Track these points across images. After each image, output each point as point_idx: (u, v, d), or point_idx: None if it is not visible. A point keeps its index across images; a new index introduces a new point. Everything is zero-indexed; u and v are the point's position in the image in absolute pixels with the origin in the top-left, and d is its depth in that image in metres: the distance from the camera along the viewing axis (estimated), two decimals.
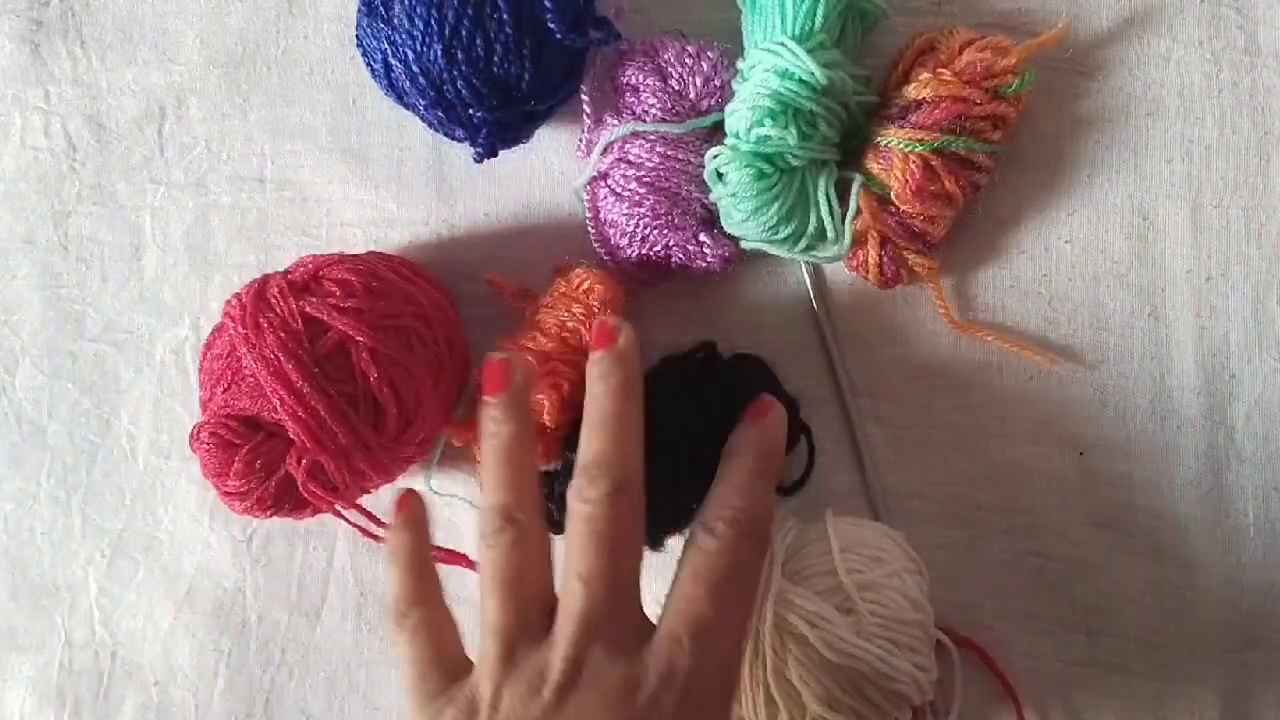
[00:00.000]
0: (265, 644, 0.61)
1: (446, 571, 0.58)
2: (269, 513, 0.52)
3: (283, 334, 0.50)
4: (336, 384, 0.50)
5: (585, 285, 0.54)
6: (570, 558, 0.45)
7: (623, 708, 0.42)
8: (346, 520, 0.54)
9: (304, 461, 0.51)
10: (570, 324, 0.54)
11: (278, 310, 0.51)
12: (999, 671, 0.56)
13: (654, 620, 0.45)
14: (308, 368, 0.50)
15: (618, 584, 0.45)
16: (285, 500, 0.52)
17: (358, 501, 0.54)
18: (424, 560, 0.50)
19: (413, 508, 0.51)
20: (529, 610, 0.45)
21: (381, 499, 0.59)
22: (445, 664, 0.47)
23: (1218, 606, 0.56)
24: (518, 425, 0.48)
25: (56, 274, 0.63)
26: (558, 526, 0.49)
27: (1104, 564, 0.57)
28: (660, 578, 0.47)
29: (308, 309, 0.51)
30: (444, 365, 0.54)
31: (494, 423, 0.48)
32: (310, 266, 0.54)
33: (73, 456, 0.62)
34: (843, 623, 0.49)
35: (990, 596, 0.57)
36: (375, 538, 0.56)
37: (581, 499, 0.45)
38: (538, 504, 0.47)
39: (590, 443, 0.47)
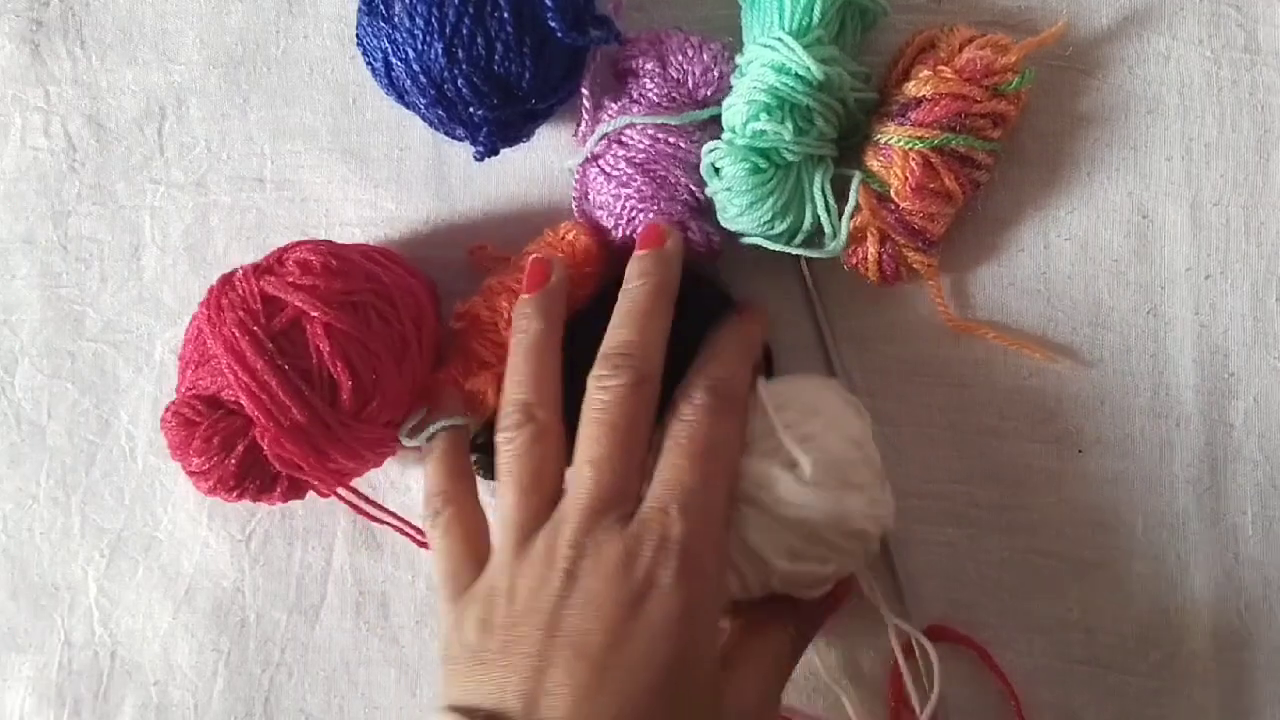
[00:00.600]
0: (264, 643, 0.61)
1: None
2: (235, 493, 0.52)
3: (241, 312, 0.51)
4: (291, 360, 0.50)
5: (569, 236, 0.55)
6: (583, 443, 0.48)
7: (626, 584, 0.44)
8: (317, 489, 0.54)
9: (267, 438, 0.51)
10: None
11: (239, 290, 0.52)
12: (998, 670, 0.56)
13: None
14: (261, 343, 0.50)
15: (626, 471, 0.47)
16: (249, 478, 0.52)
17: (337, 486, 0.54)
18: (459, 457, 0.53)
19: (450, 409, 0.54)
20: (544, 500, 0.48)
21: (383, 500, 0.60)
22: (476, 558, 0.49)
23: (1217, 605, 0.56)
24: (547, 324, 0.51)
25: (56, 274, 0.63)
26: (489, 472, 0.53)
27: (1103, 562, 0.57)
28: None
29: (267, 288, 0.51)
30: (410, 346, 0.53)
31: (524, 319, 0.51)
32: (278, 251, 0.55)
33: (72, 456, 0.62)
34: (789, 478, 0.49)
35: (989, 595, 0.57)
36: (369, 516, 0.56)
37: (601, 385, 0.48)
38: (558, 402, 0.49)
39: (618, 331, 0.49)
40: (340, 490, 0.54)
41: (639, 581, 0.45)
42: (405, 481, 0.60)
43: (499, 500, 0.48)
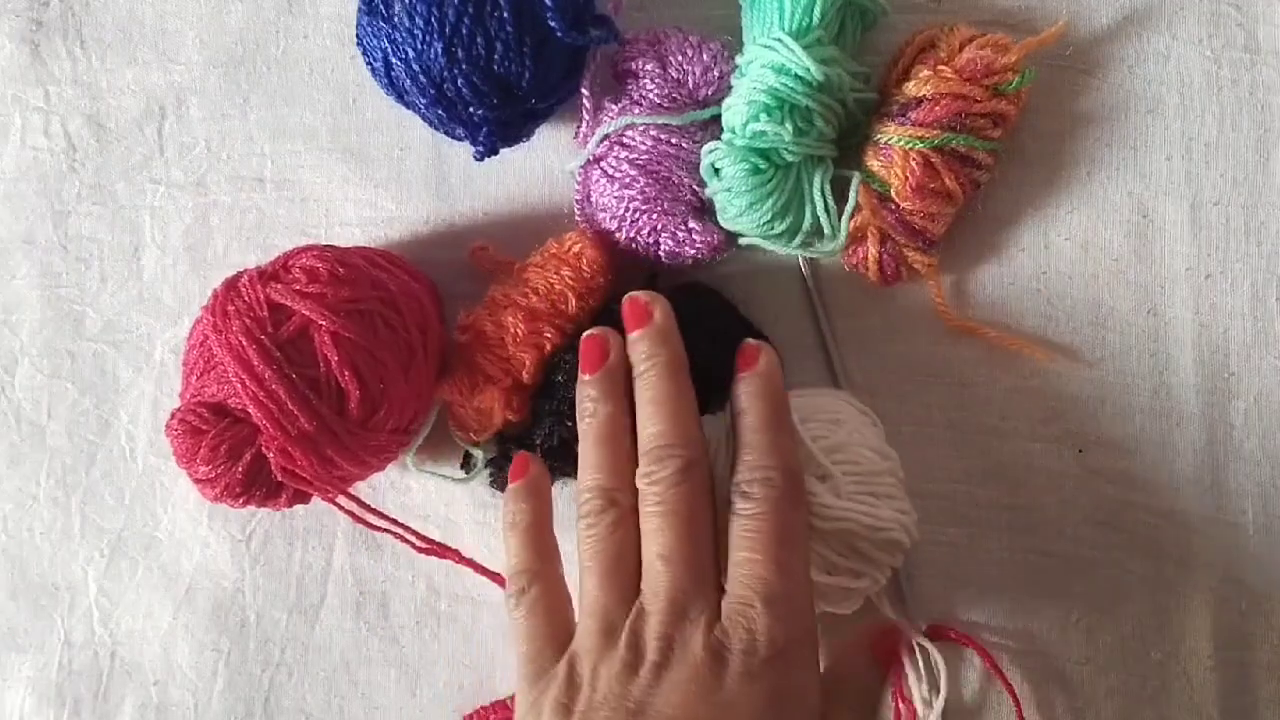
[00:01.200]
0: (264, 643, 0.61)
1: (455, 571, 0.59)
2: (240, 500, 0.52)
3: (248, 320, 0.51)
4: (298, 368, 0.50)
5: (575, 249, 0.55)
6: (649, 539, 0.46)
7: (714, 678, 0.43)
8: (320, 497, 0.54)
9: (275, 446, 0.51)
10: (558, 287, 0.54)
11: (245, 297, 0.52)
12: (998, 670, 0.56)
13: None
14: (269, 352, 0.50)
15: (697, 558, 0.46)
16: (255, 486, 0.52)
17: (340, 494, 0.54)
18: (544, 533, 0.51)
19: (532, 473, 0.52)
20: (627, 589, 0.46)
21: (383, 501, 0.60)
22: (558, 641, 0.48)
23: (1217, 604, 0.56)
24: (615, 406, 0.49)
25: (56, 273, 0.63)
26: (500, 484, 0.54)
27: (1103, 562, 0.57)
28: None
29: (273, 295, 0.51)
30: (416, 353, 0.53)
31: (591, 402, 0.49)
32: (283, 256, 0.54)
33: (72, 456, 0.62)
34: (823, 490, 0.49)
35: (989, 594, 0.57)
36: (370, 525, 0.56)
37: (651, 483, 0.47)
38: (634, 486, 0.48)
39: (650, 425, 0.48)
40: (342, 500, 0.54)
41: (728, 674, 0.43)
42: (405, 483, 0.60)
43: (582, 587, 0.47)
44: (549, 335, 0.54)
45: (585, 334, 0.51)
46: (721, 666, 0.44)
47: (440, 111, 0.53)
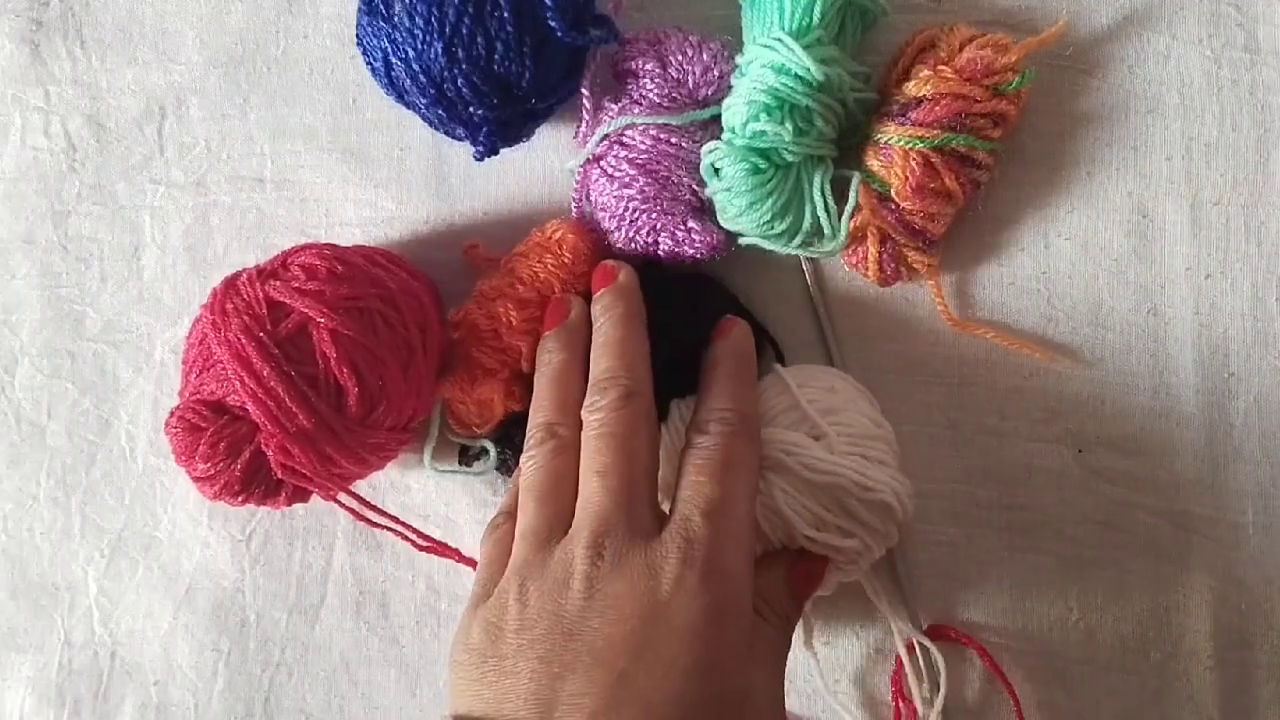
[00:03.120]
0: (264, 643, 0.61)
1: (455, 570, 0.59)
2: (239, 498, 0.52)
3: (246, 317, 0.51)
4: (297, 365, 0.50)
5: (557, 235, 0.55)
6: (587, 460, 0.48)
7: (650, 589, 0.43)
8: (320, 494, 0.53)
9: (273, 444, 0.51)
10: (543, 275, 0.55)
11: (244, 295, 0.52)
12: (998, 669, 0.56)
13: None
14: (267, 349, 0.50)
15: (633, 478, 0.47)
16: (254, 484, 0.52)
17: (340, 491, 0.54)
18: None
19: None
20: (562, 512, 0.47)
21: (384, 500, 0.60)
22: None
23: (1217, 604, 0.56)
24: (569, 354, 0.52)
25: (56, 273, 0.63)
26: (505, 468, 0.57)
27: (1103, 562, 0.57)
28: None
29: (272, 293, 0.51)
30: (415, 351, 0.53)
31: (548, 352, 0.52)
32: (282, 254, 0.55)
33: (72, 456, 0.62)
34: (815, 446, 0.50)
35: (989, 594, 0.57)
36: (370, 522, 0.56)
37: (593, 409, 0.48)
38: (579, 424, 0.49)
39: (597, 363, 0.50)
40: (342, 497, 0.54)
41: (666, 588, 0.43)
42: (406, 482, 0.60)
43: (520, 511, 0.48)
44: (540, 322, 0.54)
45: (552, 299, 0.54)
46: (656, 579, 0.44)
47: (440, 111, 0.53)
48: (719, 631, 0.43)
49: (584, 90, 0.56)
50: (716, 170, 0.53)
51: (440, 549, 0.56)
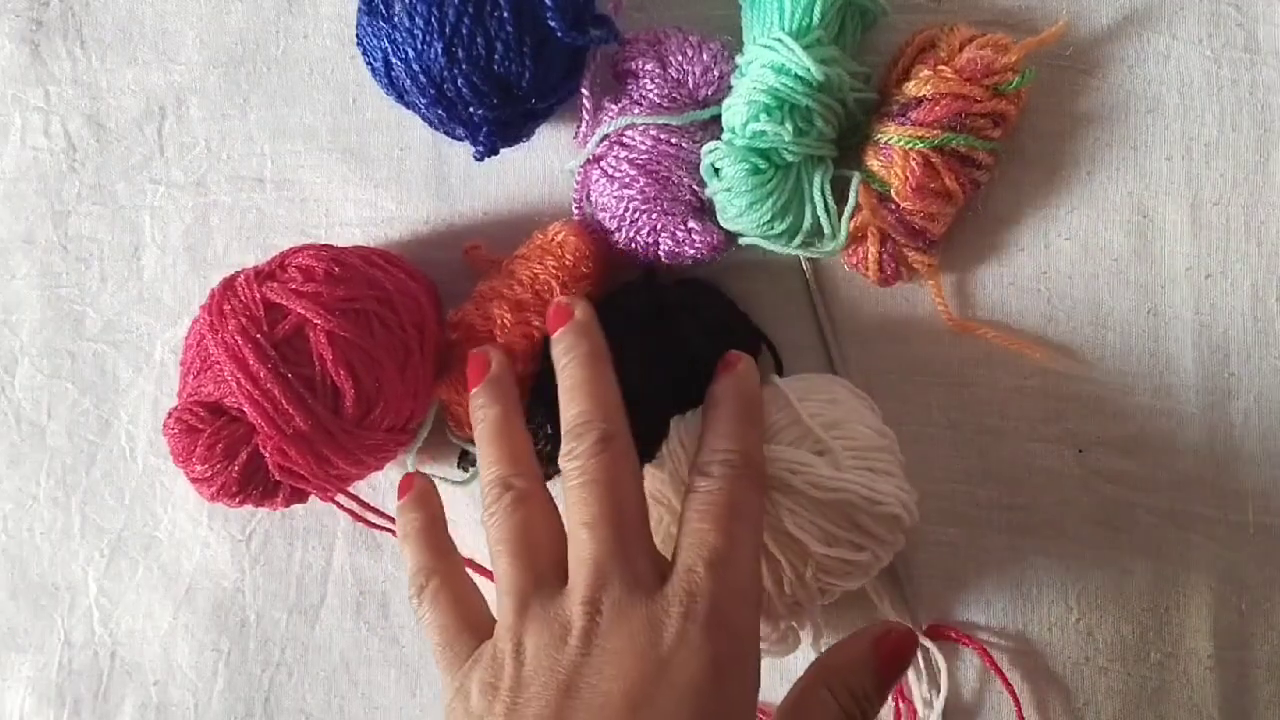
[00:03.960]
0: (264, 643, 0.61)
1: None
2: (237, 499, 0.52)
3: (243, 319, 0.51)
4: (293, 367, 0.50)
5: (558, 238, 0.55)
6: (572, 512, 0.45)
7: (650, 644, 0.42)
8: (317, 495, 0.54)
9: (270, 445, 0.51)
10: (543, 276, 0.55)
11: (241, 296, 0.52)
12: (998, 669, 0.56)
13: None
14: (264, 351, 0.50)
15: (622, 526, 0.45)
16: (252, 485, 0.52)
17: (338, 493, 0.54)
18: (437, 534, 0.51)
19: (417, 487, 0.53)
20: (540, 564, 0.45)
21: (383, 501, 0.60)
22: (471, 626, 0.47)
23: (1217, 604, 0.56)
24: (501, 406, 0.50)
25: (56, 273, 0.63)
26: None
27: (1103, 562, 0.57)
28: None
29: (269, 294, 0.51)
30: (412, 352, 0.54)
31: (480, 409, 0.50)
32: (280, 256, 0.54)
33: (72, 456, 0.62)
34: (820, 462, 0.50)
35: (989, 594, 0.57)
36: (369, 523, 0.56)
37: (571, 457, 0.46)
38: (534, 471, 0.48)
39: (568, 408, 0.48)
40: (340, 498, 0.54)
41: (668, 644, 0.42)
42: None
43: (495, 570, 0.46)
44: (537, 325, 0.54)
45: (470, 354, 0.52)
46: (657, 633, 0.42)
47: (440, 111, 0.53)
48: (722, 687, 0.42)
49: (584, 90, 0.56)
50: (716, 170, 0.53)
51: None
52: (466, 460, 0.58)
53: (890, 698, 0.57)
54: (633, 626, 0.42)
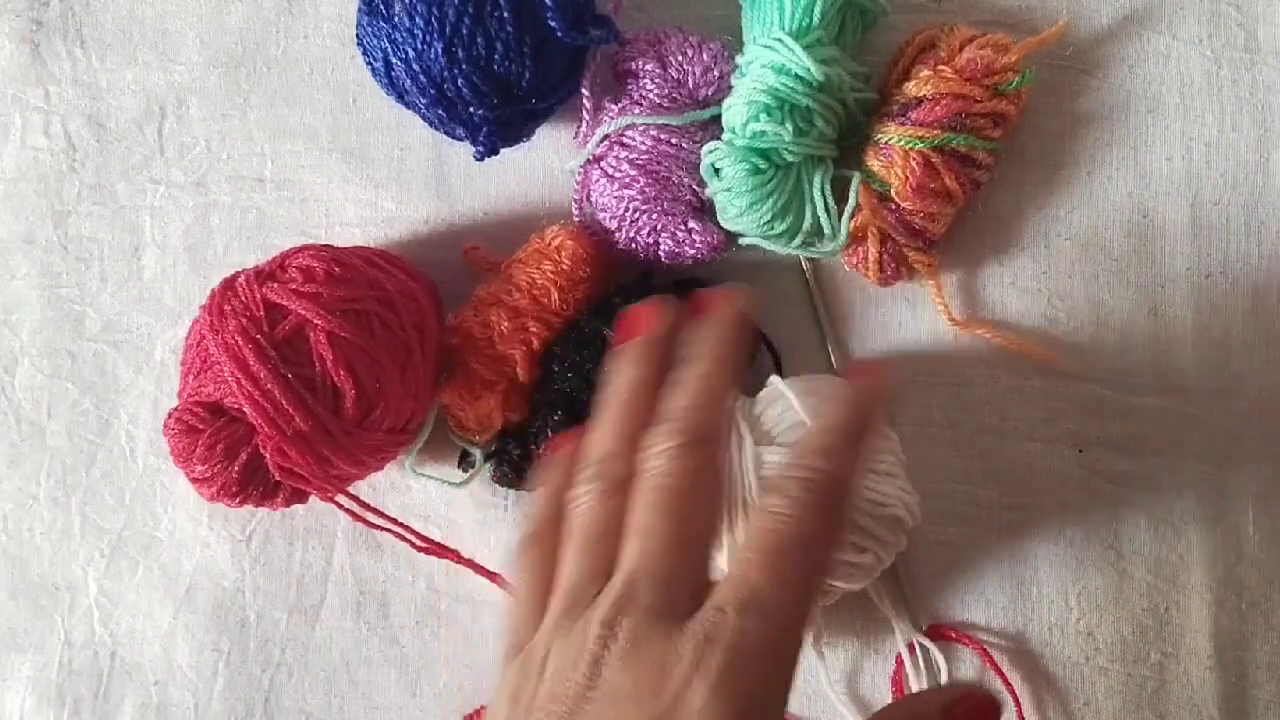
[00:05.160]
0: (264, 643, 0.61)
1: (455, 571, 0.59)
2: (237, 499, 0.52)
3: (244, 319, 0.51)
4: (294, 368, 0.50)
5: (556, 242, 0.55)
6: (632, 509, 0.40)
7: (652, 691, 0.35)
8: (317, 496, 0.54)
9: (270, 445, 0.51)
10: (540, 281, 0.55)
11: (241, 297, 0.52)
12: (998, 669, 0.56)
13: None
14: (264, 351, 0.50)
15: (678, 545, 0.39)
16: (252, 485, 0.52)
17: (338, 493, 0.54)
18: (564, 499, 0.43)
19: (564, 449, 0.45)
20: (604, 571, 0.40)
21: (384, 501, 0.60)
22: (543, 616, 0.41)
23: (1217, 604, 0.56)
24: (645, 370, 0.43)
25: (56, 274, 0.63)
26: (512, 482, 0.56)
27: (1103, 562, 0.57)
28: None
29: (269, 295, 0.51)
30: (413, 353, 0.53)
31: (624, 365, 0.44)
32: (280, 256, 0.55)
33: (72, 456, 0.62)
34: None
35: (989, 594, 0.57)
36: (369, 523, 0.56)
37: (649, 452, 0.40)
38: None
39: (670, 396, 0.42)
40: (340, 498, 0.54)
41: (666, 691, 0.35)
42: (406, 483, 0.60)
43: (564, 558, 0.41)
44: (534, 330, 0.54)
45: (626, 309, 0.46)
46: (663, 679, 0.36)
47: (440, 111, 0.53)
48: None
49: (584, 90, 0.56)
50: (717, 170, 0.53)
51: (439, 550, 0.56)
52: (467, 461, 0.58)
53: (891, 697, 0.57)
54: (641, 665, 0.36)
